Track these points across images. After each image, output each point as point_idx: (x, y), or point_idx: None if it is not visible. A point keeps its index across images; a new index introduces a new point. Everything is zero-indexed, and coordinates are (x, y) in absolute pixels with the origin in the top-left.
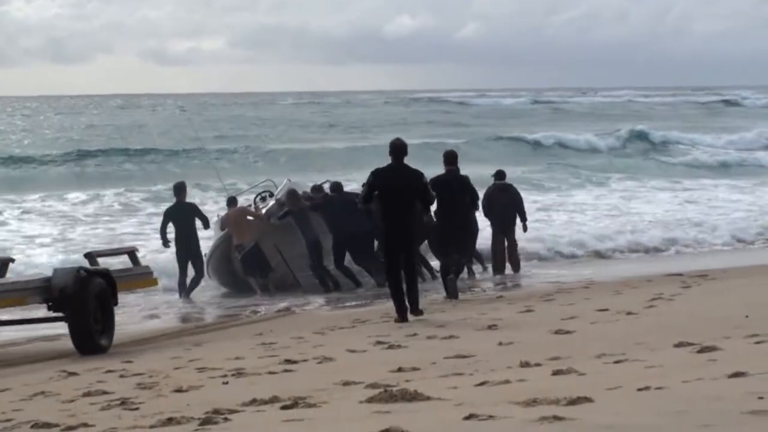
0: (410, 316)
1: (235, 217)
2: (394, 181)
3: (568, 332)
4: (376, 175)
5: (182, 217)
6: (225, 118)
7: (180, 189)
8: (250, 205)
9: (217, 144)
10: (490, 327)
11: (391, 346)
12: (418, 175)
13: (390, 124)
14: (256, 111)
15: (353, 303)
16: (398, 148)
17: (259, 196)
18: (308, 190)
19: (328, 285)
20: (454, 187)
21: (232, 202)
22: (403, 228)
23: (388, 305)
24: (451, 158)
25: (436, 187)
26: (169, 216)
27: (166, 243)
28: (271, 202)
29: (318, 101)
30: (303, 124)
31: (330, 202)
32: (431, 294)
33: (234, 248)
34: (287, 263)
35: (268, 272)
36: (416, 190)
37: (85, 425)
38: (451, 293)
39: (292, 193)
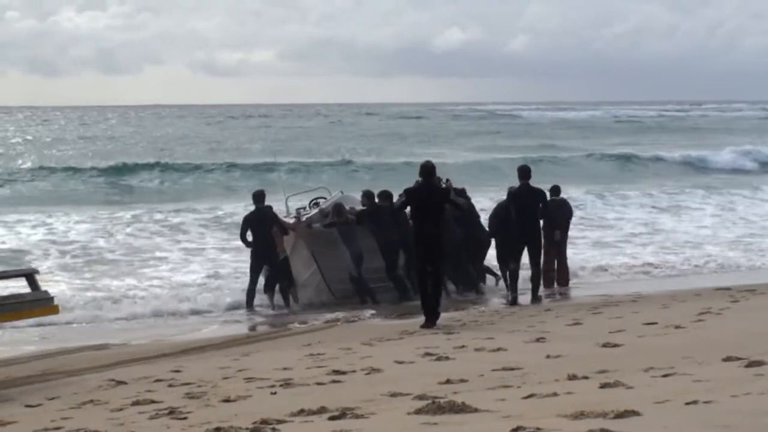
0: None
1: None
2: (425, 197)
3: (615, 345)
4: (409, 192)
5: (260, 223)
6: (303, 130)
7: (259, 197)
8: (291, 214)
9: (312, 157)
10: (538, 339)
11: (439, 358)
12: (445, 192)
13: (471, 136)
14: (316, 122)
15: (401, 314)
16: (428, 170)
17: (313, 201)
18: (357, 205)
19: (408, 291)
20: (526, 200)
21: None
22: (433, 240)
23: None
24: (524, 173)
25: (510, 200)
26: (248, 222)
27: (248, 245)
28: (314, 211)
29: (373, 112)
30: (383, 135)
31: (377, 212)
32: (483, 305)
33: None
34: (322, 273)
35: (291, 285)
36: (443, 204)
37: None
38: (512, 300)
39: (337, 207)
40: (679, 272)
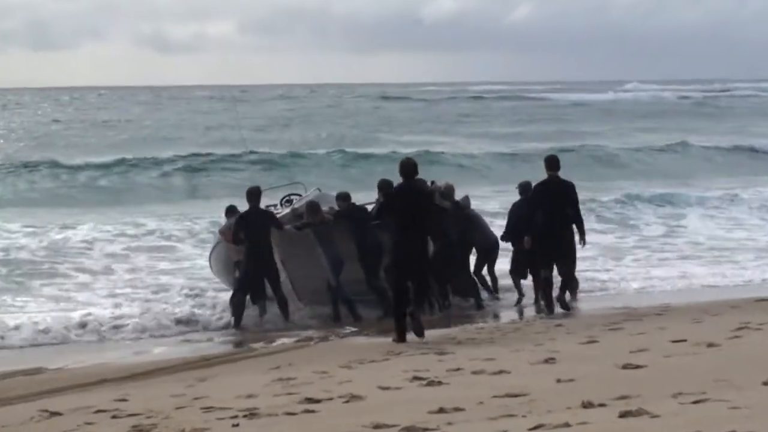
0: (412, 338)
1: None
2: (408, 201)
3: (638, 367)
4: (389, 196)
5: (255, 225)
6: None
7: (253, 195)
8: (269, 207)
9: (281, 148)
10: (546, 360)
11: (430, 383)
12: (430, 192)
13: (506, 124)
14: (301, 104)
15: (385, 331)
16: (410, 168)
17: (285, 199)
18: (335, 205)
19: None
20: (555, 195)
21: (231, 211)
22: (419, 253)
23: (426, 334)
24: (552, 163)
25: (537, 195)
26: (243, 222)
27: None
28: (286, 210)
29: (353, 94)
30: (385, 120)
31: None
32: (482, 319)
33: (234, 264)
34: (292, 283)
35: (261, 295)
36: (429, 210)
37: None
38: (549, 309)
39: (312, 205)
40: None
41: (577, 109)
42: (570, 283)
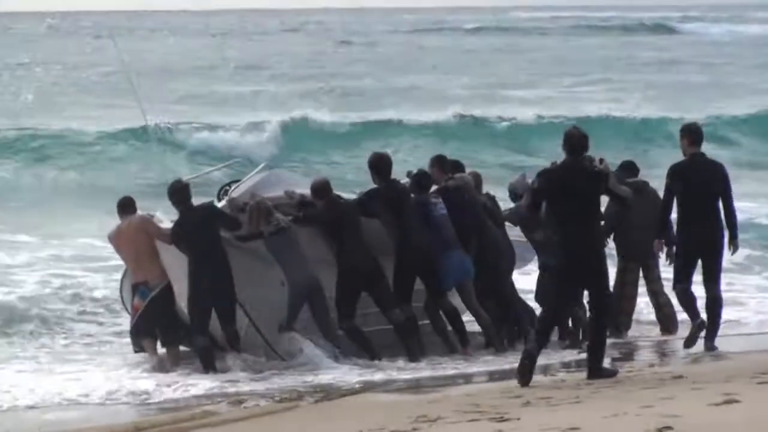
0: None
1: (130, 235)
2: (575, 183)
3: None
4: (547, 177)
5: (197, 233)
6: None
7: (178, 192)
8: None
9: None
10: (660, 431)
11: None
12: (603, 175)
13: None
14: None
15: (421, 383)
16: (578, 142)
17: (223, 189)
18: (299, 188)
19: (373, 351)
20: (698, 179)
21: (126, 206)
22: (589, 245)
23: (467, 388)
24: (694, 135)
25: (674, 180)
26: (179, 234)
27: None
28: (222, 202)
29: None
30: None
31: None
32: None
33: (132, 288)
34: (254, 323)
35: (171, 335)
36: (596, 198)
37: None
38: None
39: (259, 206)
40: None
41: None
42: (714, 306)
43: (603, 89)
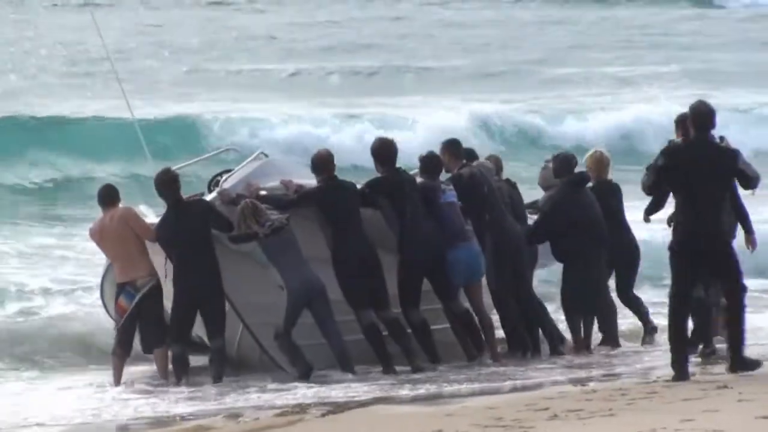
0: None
1: (114, 230)
2: (700, 161)
3: None
4: (671, 155)
5: (184, 230)
6: None
7: (167, 183)
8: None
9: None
10: None
11: None
12: (730, 154)
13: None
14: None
15: (440, 393)
16: (705, 117)
17: (214, 181)
18: (297, 177)
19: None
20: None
21: (108, 196)
22: (717, 228)
23: (488, 400)
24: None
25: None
26: (163, 233)
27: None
28: (212, 195)
29: None
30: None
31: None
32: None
33: (119, 287)
34: (249, 328)
35: (159, 343)
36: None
37: None
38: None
39: (251, 207)
40: None
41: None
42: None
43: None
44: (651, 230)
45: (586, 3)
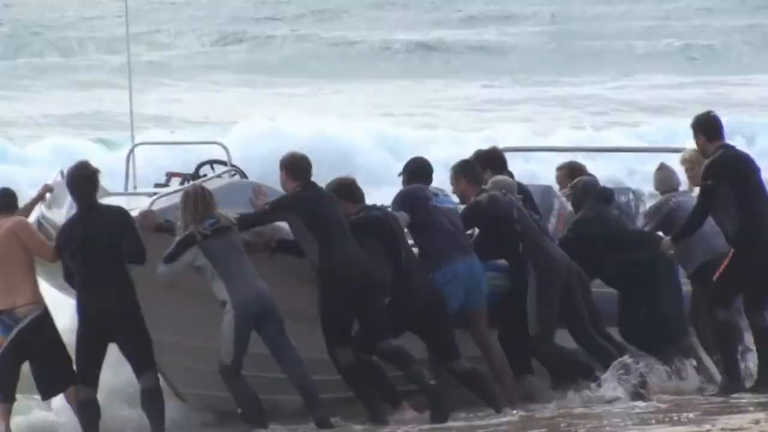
0: None
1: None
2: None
3: None
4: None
5: (89, 242)
6: None
7: (87, 181)
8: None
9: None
10: None
11: None
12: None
13: None
14: None
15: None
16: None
17: (197, 170)
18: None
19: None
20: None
21: (4, 199)
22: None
23: None
24: (712, 127)
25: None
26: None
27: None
28: (165, 203)
29: None
30: None
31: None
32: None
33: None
34: (162, 370)
35: (61, 387)
36: None
37: None
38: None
39: (195, 196)
40: None
41: None
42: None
43: None
44: None
45: None
